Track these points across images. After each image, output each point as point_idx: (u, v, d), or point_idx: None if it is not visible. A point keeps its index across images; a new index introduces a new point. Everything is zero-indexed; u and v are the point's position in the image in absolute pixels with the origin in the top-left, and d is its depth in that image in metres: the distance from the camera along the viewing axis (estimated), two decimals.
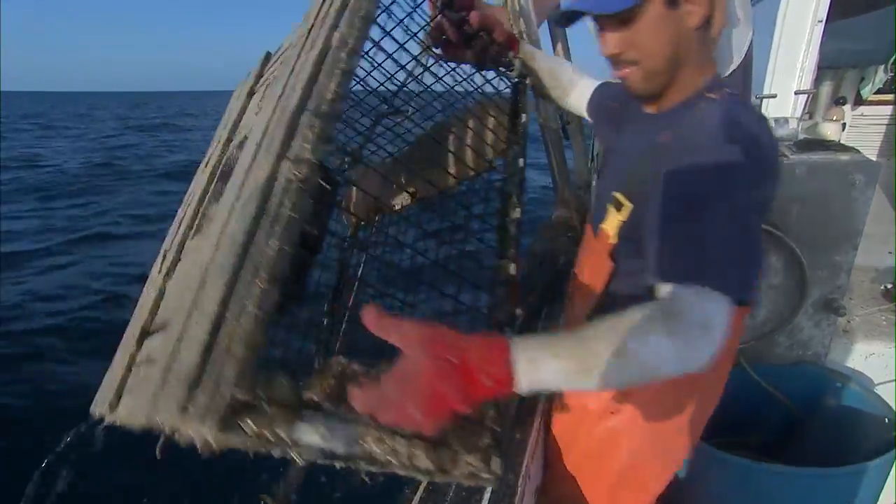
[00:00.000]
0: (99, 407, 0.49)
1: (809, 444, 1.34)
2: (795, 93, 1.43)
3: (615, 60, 0.74)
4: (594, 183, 1.36)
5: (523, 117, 0.94)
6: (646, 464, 0.91)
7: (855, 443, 1.26)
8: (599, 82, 1.01)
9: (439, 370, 0.47)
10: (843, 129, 1.32)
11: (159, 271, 0.67)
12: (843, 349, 1.41)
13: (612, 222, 0.80)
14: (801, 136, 1.32)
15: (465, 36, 0.90)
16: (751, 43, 1.69)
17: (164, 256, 0.70)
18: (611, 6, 0.70)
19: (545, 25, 1.52)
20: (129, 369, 0.52)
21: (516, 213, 0.79)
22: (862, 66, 2.49)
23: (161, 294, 0.60)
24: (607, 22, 0.71)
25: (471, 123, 1.01)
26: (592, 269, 0.89)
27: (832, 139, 1.26)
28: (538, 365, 0.50)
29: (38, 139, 18.74)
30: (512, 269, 0.73)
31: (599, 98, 0.99)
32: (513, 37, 0.99)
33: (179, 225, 0.73)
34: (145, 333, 0.56)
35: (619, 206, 0.79)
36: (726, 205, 0.61)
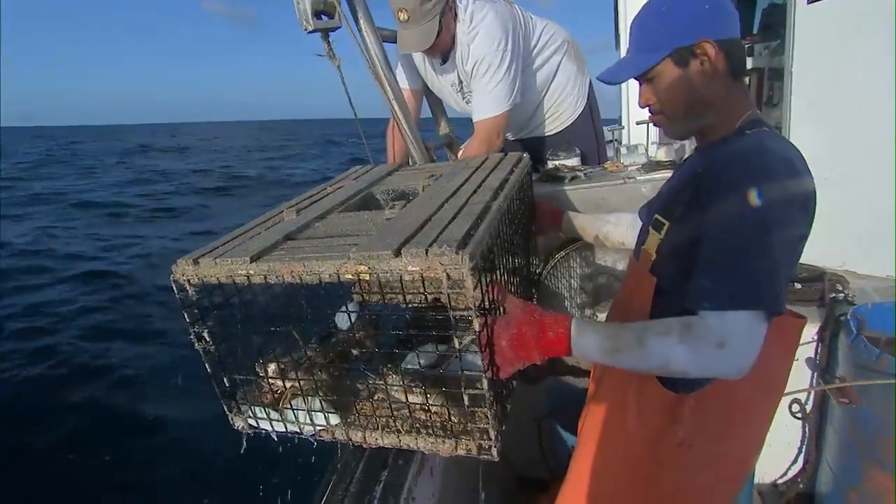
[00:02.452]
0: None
1: None
2: (637, 123, 1.83)
3: (649, 109, 0.92)
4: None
5: None
6: (692, 488, 0.92)
7: None
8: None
9: (527, 320, 0.77)
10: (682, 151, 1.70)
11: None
12: None
13: (653, 242, 0.89)
14: (648, 160, 1.70)
15: None
16: (590, 86, 2.11)
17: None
18: (618, 78, 0.90)
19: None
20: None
21: None
22: None
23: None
24: (639, 80, 0.89)
25: None
26: (635, 287, 0.95)
27: (668, 160, 1.65)
28: (584, 334, 0.74)
29: None
30: None
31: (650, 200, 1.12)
32: (556, 213, 1.34)
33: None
34: None
35: (658, 228, 0.88)
36: (747, 224, 0.70)
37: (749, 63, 2.90)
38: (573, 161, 1.75)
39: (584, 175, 1.59)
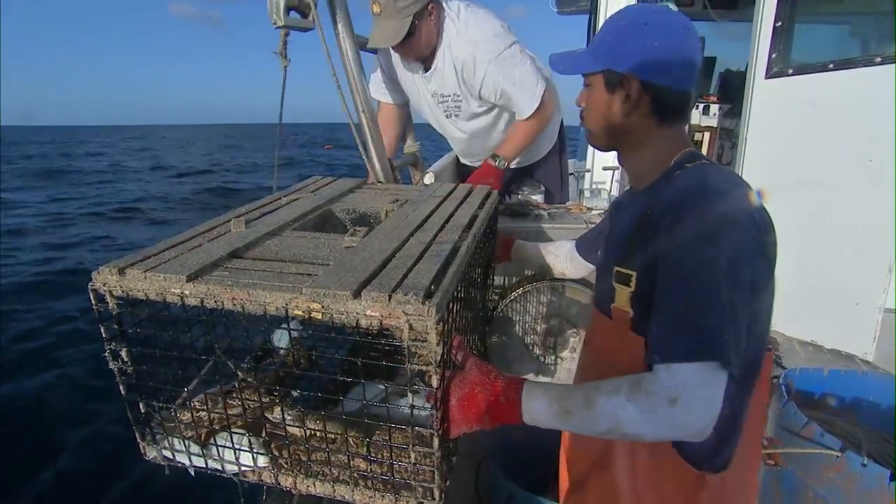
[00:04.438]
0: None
1: None
2: (603, 168, 1.87)
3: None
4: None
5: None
6: None
7: None
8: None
9: (480, 381, 0.72)
10: None
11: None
12: None
13: (623, 297, 0.81)
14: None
15: None
16: (562, 123, 2.15)
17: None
18: (557, 67, 0.90)
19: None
20: None
21: None
22: None
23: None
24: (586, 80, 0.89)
25: None
26: (618, 348, 0.84)
27: None
28: (532, 398, 0.69)
29: None
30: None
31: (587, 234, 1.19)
32: (508, 241, 1.36)
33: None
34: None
35: (625, 280, 0.80)
36: (693, 269, 0.65)
37: (704, 121, 3.06)
38: (537, 197, 1.73)
39: (547, 214, 1.60)
